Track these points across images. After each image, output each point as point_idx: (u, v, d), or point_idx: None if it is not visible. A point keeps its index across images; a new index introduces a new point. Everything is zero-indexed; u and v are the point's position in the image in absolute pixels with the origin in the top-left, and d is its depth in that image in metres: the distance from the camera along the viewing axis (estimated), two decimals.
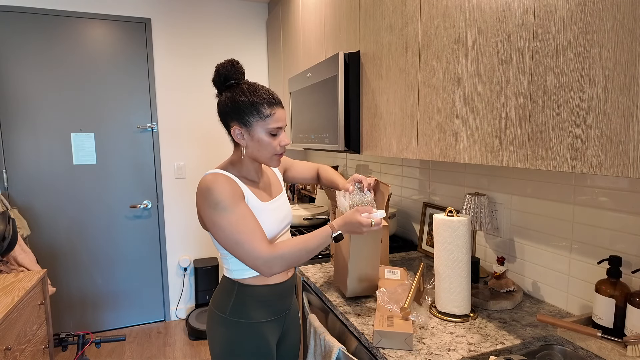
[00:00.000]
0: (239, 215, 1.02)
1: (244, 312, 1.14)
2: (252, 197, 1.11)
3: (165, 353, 2.68)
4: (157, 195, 3.01)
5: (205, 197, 1.02)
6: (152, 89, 2.91)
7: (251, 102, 1.05)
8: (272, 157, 1.11)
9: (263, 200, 1.15)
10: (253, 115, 1.06)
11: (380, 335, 1.03)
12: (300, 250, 1.03)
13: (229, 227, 1.01)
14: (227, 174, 1.08)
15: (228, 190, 1.02)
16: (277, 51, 2.87)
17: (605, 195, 1.10)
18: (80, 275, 2.86)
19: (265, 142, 1.08)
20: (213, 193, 1.01)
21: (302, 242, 1.04)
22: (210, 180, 1.03)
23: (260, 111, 1.06)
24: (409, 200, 2.00)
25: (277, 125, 1.07)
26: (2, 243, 1.93)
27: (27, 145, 2.65)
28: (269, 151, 1.09)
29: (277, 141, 1.09)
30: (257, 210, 1.11)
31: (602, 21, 0.72)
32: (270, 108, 1.06)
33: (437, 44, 1.15)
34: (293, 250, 1.03)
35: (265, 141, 1.08)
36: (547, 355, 1.06)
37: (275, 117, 1.07)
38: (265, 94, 1.07)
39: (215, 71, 1.11)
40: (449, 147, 1.13)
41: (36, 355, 1.73)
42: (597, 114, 0.73)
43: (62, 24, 2.66)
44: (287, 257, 1.02)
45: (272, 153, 1.10)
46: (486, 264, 1.54)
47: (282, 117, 1.09)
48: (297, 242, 1.04)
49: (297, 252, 1.03)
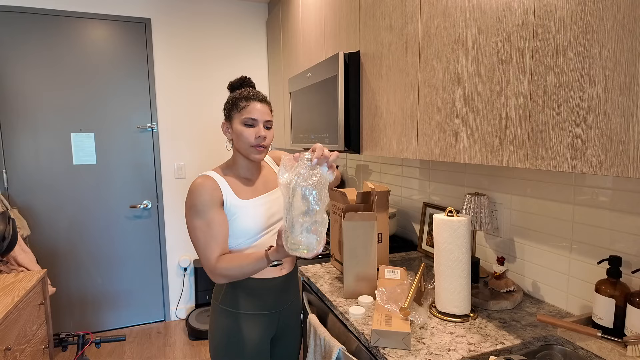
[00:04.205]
0: (205, 222, 1.12)
1: (234, 301, 1.21)
2: (232, 196, 1.17)
3: (165, 353, 2.68)
4: (157, 195, 3.01)
5: (186, 199, 1.15)
6: (152, 89, 2.91)
7: (234, 97, 1.19)
8: (249, 149, 1.17)
9: (247, 197, 1.20)
10: (233, 109, 1.18)
11: (378, 335, 1.03)
12: (237, 270, 1.10)
13: (194, 230, 1.13)
14: (216, 176, 1.17)
15: (204, 197, 1.12)
16: (277, 51, 2.87)
17: (605, 195, 1.10)
18: (80, 275, 2.86)
19: (239, 132, 1.16)
20: (191, 196, 1.12)
21: (237, 265, 1.09)
22: (196, 183, 1.13)
23: (237, 104, 1.17)
24: (409, 200, 2.00)
25: (250, 116, 1.15)
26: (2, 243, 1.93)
27: (27, 145, 2.65)
28: (246, 142, 1.16)
29: (253, 132, 1.15)
30: (236, 208, 1.17)
31: (602, 21, 0.72)
32: (246, 101, 1.17)
33: (437, 44, 1.15)
34: (231, 268, 1.10)
35: (239, 131, 1.16)
36: (547, 355, 1.06)
37: (248, 109, 1.16)
38: (247, 91, 1.19)
39: (228, 86, 1.28)
40: (448, 147, 1.13)
41: (36, 355, 1.73)
42: (597, 114, 0.73)
43: (62, 24, 2.66)
44: (225, 274, 1.10)
45: (248, 144, 1.16)
46: (486, 264, 1.54)
47: (257, 110, 1.16)
48: (237, 262, 1.10)
49: (234, 271, 1.10)
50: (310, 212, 0.96)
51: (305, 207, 0.95)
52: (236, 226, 1.18)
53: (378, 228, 1.53)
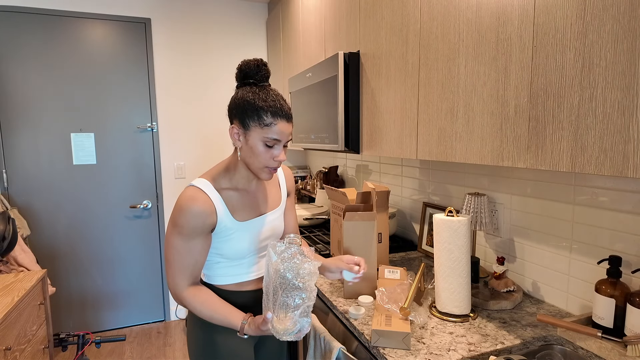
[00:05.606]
0: (186, 248, 1.01)
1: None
2: (228, 217, 1.06)
3: (165, 353, 2.68)
4: (157, 195, 3.01)
5: (175, 210, 1.02)
6: (152, 89, 2.92)
7: (256, 105, 0.99)
8: (262, 169, 1.04)
9: (244, 217, 1.09)
10: (253, 119, 0.99)
11: (378, 335, 1.03)
12: (203, 314, 1.03)
13: (171, 248, 1.02)
14: (211, 191, 1.04)
15: (195, 223, 1.00)
16: (277, 51, 2.87)
17: (605, 195, 1.10)
18: (80, 275, 2.86)
19: (257, 151, 1.01)
20: (181, 215, 1.00)
21: (208, 314, 1.02)
22: (189, 198, 1.00)
23: (262, 117, 0.99)
24: (409, 200, 2.00)
25: (274, 137, 1.00)
26: (2, 243, 1.93)
27: (27, 145, 2.65)
28: (260, 162, 1.02)
29: (270, 154, 1.02)
30: (230, 230, 1.06)
31: (602, 21, 0.72)
32: (274, 118, 0.99)
33: (437, 44, 1.15)
34: (197, 308, 1.03)
35: (258, 150, 1.01)
36: (547, 355, 1.06)
37: (275, 129, 0.99)
38: (274, 102, 1.00)
39: (238, 67, 1.06)
40: (449, 147, 1.13)
41: (36, 355, 1.73)
42: (597, 114, 0.73)
43: (62, 24, 2.66)
44: (191, 308, 1.03)
45: (263, 165, 1.03)
46: (486, 264, 1.54)
47: (284, 131, 1.01)
48: (208, 305, 1.02)
49: (200, 312, 1.03)
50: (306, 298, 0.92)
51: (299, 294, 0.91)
52: (229, 247, 1.08)
53: (378, 228, 1.53)
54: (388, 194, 1.54)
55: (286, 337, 0.92)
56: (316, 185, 2.85)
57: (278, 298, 0.92)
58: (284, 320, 0.91)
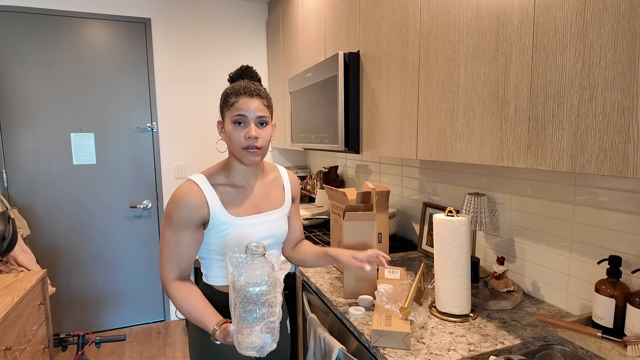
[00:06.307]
0: (175, 239, 1.03)
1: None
2: (221, 211, 1.05)
3: (165, 353, 2.68)
4: (157, 195, 3.01)
5: (168, 202, 1.04)
6: (152, 89, 2.92)
7: (225, 92, 1.05)
8: (241, 152, 1.03)
9: (239, 213, 1.08)
10: (225, 105, 1.04)
11: (378, 335, 1.03)
12: (183, 309, 1.03)
13: (162, 238, 1.05)
14: (205, 185, 1.04)
15: (184, 214, 1.01)
16: (277, 51, 2.87)
17: (605, 195, 1.10)
18: (80, 275, 2.86)
19: (230, 133, 1.03)
20: (172, 205, 1.02)
21: (187, 309, 1.02)
22: (182, 191, 1.02)
23: (227, 100, 1.03)
24: (409, 200, 2.00)
25: (239, 113, 1.00)
26: (2, 243, 1.93)
27: (27, 145, 2.65)
28: (235, 144, 1.03)
29: (242, 133, 1.02)
30: (224, 225, 1.06)
31: (602, 21, 0.72)
32: (236, 97, 1.02)
33: (437, 44, 1.15)
34: (178, 302, 1.03)
35: (229, 131, 1.03)
36: (547, 355, 1.06)
37: (237, 105, 1.01)
38: (240, 85, 1.03)
39: (228, 79, 1.13)
40: (448, 147, 1.13)
41: (36, 355, 1.73)
42: (597, 114, 0.73)
43: (62, 24, 2.66)
44: (174, 300, 1.04)
45: (239, 146, 1.02)
46: (486, 264, 1.54)
47: (247, 106, 1.01)
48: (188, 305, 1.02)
49: (180, 307, 1.03)
50: (266, 314, 0.87)
51: (258, 309, 0.87)
52: (224, 243, 1.06)
53: (378, 228, 1.53)
54: (388, 194, 1.54)
55: (248, 352, 0.88)
56: (316, 185, 2.85)
57: (237, 311, 0.88)
58: (249, 335, 0.87)
